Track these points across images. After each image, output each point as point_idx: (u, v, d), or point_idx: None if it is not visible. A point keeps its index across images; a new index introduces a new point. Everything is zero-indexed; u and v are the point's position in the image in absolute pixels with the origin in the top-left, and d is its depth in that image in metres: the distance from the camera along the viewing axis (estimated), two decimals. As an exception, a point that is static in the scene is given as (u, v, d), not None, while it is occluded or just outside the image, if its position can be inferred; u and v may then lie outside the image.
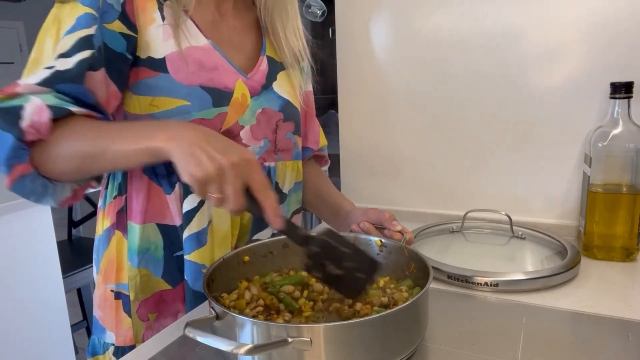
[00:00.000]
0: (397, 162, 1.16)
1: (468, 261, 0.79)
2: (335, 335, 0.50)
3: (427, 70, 1.08)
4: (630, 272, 0.82)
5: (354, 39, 1.15)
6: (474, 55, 1.03)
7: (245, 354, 0.46)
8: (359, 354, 0.51)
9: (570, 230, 0.98)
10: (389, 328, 0.53)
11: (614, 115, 0.85)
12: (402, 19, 1.09)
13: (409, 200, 1.16)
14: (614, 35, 0.90)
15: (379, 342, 0.52)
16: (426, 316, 0.59)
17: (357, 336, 0.51)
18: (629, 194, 0.84)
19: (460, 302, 0.73)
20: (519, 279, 0.75)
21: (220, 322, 0.55)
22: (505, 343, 0.60)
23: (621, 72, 0.90)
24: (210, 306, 0.56)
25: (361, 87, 1.17)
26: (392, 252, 0.72)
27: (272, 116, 0.81)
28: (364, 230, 0.79)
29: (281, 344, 0.48)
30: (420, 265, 0.66)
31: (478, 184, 1.08)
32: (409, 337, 0.56)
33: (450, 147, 1.09)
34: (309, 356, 0.50)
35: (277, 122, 0.83)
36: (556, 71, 0.96)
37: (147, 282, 0.75)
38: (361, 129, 1.19)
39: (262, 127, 0.80)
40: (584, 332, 0.64)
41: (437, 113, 1.09)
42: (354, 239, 0.75)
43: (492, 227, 1.00)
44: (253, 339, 0.52)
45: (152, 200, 0.74)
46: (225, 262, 0.67)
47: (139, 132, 0.62)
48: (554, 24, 0.95)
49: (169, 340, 0.64)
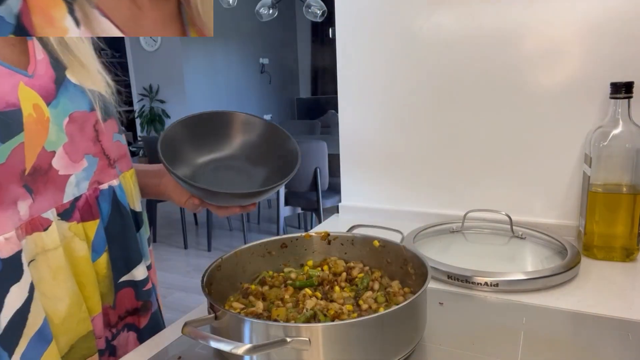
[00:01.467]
0: (397, 162, 1.16)
1: (468, 261, 0.79)
2: (334, 335, 0.50)
3: (427, 70, 1.08)
4: (630, 272, 0.82)
5: (354, 39, 1.15)
6: (474, 55, 1.03)
7: (244, 353, 0.46)
8: (358, 353, 0.52)
9: (570, 230, 0.98)
10: (387, 328, 0.53)
11: (614, 115, 0.85)
12: (402, 19, 1.09)
13: (409, 200, 1.16)
14: (614, 35, 0.90)
15: (378, 341, 0.52)
16: (424, 316, 0.59)
17: (355, 336, 0.51)
18: (629, 194, 0.84)
19: (460, 302, 0.73)
20: (519, 279, 0.75)
21: (218, 322, 0.54)
22: (505, 343, 0.60)
23: (621, 72, 0.90)
24: (209, 306, 0.56)
25: (361, 87, 1.17)
26: (391, 251, 0.72)
27: (86, 121, 0.61)
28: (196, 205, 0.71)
29: (280, 344, 0.48)
30: (418, 264, 0.66)
31: (478, 184, 1.08)
32: (408, 337, 0.56)
33: (451, 147, 1.09)
34: (308, 356, 0.50)
35: (95, 127, 0.62)
36: (556, 71, 0.96)
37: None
38: (361, 129, 1.19)
39: (78, 141, 0.59)
40: (584, 332, 0.64)
41: (437, 113, 1.09)
42: (352, 239, 0.76)
43: (492, 227, 1.00)
44: (252, 339, 0.51)
45: None
46: (223, 262, 0.67)
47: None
48: (554, 24, 0.95)
49: (170, 339, 0.64)
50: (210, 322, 0.55)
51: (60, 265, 0.58)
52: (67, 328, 0.59)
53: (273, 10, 4.00)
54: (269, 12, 4.00)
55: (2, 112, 0.50)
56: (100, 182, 0.63)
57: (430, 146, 1.12)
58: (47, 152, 0.55)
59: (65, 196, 0.59)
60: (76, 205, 0.60)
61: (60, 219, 0.58)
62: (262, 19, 4.06)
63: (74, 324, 0.59)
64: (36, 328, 0.54)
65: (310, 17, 4.01)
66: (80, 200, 0.61)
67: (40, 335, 0.55)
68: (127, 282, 0.69)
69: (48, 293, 0.57)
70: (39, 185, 0.55)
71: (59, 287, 0.58)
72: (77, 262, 0.61)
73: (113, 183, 0.65)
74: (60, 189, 0.58)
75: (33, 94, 0.54)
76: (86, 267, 0.61)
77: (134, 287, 0.70)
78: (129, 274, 0.68)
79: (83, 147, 0.60)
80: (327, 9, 3.91)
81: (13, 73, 0.53)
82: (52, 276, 0.57)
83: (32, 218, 0.55)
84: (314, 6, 3.89)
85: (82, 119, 0.60)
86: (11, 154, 0.50)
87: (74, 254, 0.60)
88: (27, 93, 0.53)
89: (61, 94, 0.58)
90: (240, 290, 0.68)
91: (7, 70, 0.52)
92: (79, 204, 0.61)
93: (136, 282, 0.70)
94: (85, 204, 0.61)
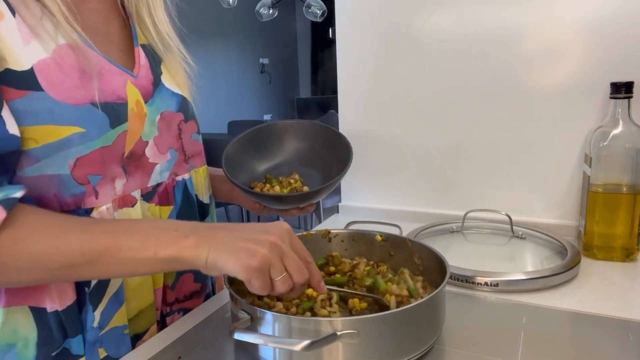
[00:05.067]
0: (397, 162, 1.16)
1: (468, 261, 0.79)
2: (382, 325, 0.52)
3: (427, 70, 1.08)
4: (630, 272, 0.82)
5: (354, 39, 1.15)
6: (474, 55, 1.03)
7: (303, 350, 0.47)
8: (399, 341, 0.54)
9: (570, 230, 0.98)
10: (426, 314, 0.56)
11: (614, 115, 0.85)
12: (402, 19, 1.09)
13: (409, 200, 1.16)
14: (614, 35, 0.90)
15: (400, 335, 0.54)
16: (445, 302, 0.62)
17: (402, 323, 0.53)
18: (629, 194, 0.84)
19: (460, 302, 0.73)
20: (519, 279, 0.75)
21: (254, 323, 0.55)
22: (505, 343, 0.60)
23: (621, 72, 0.90)
24: (242, 309, 0.56)
25: (361, 87, 1.17)
26: (393, 244, 0.74)
27: (172, 120, 0.69)
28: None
29: (331, 338, 0.49)
30: (426, 254, 0.68)
31: (478, 184, 1.08)
32: (439, 322, 0.59)
33: (451, 147, 1.09)
34: (357, 348, 0.51)
35: (179, 126, 0.71)
36: (556, 71, 0.96)
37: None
38: (361, 129, 1.19)
39: (165, 136, 0.68)
40: (584, 332, 0.64)
41: (436, 113, 1.09)
42: (353, 236, 0.76)
43: (492, 227, 1.00)
44: (295, 336, 0.52)
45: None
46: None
47: (145, 235, 0.50)
48: (554, 24, 0.95)
49: (170, 339, 0.64)
50: (247, 324, 0.55)
51: None
52: (139, 294, 0.66)
53: (273, 10, 4.00)
54: (269, 12, 4.00)
55: (115, 103, 0.59)
56: (177, 174, 0.71)
57: (430, 146, 1.12)
58: (142, 141, 0.64)
59: (150, 181, 0.67)
60: (157, 190, 0.68)
61: (142, 200, 0.66)
62: (262, 19, 4.06)
63: (144, 291, 0.66)
64: (114, 289, 0.62)
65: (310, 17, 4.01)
66: (160, 187, 0.69)
67: (117, 297, 0.62)
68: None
69: None
70: (132, 168, 0.63)
71: None
72: None
73: (185, 176, 0.73)
74: (147, 174, 0.66)
75: (136, 91, 0.63)
76: None
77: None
78: None
79: (169, 141, 0.69)
80: (327, 9, 3.91)
81: (123, 73, 0.62)
82: None
83: (125, 195, 0.63)
84: (314, 6, 3.89)
85: (170, 118, 0.69)
86: (117, 138, 0.59)
87: None
88: (132, 90, 0.63)
89: (156, 94, 0.67)
90: (249, 293, 0.67)
91: (119, 70, 0.62)
92: (159, 190, 0.68)
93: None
94: (164, 190, 0.69)
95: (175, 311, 0.73)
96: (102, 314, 0.61)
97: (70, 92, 0.54)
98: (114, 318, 0.62)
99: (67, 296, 0.57)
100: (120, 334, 0.63)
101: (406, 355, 0.54)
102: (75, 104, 0.54)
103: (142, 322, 0.67)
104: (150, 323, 0.68)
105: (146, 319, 0.68)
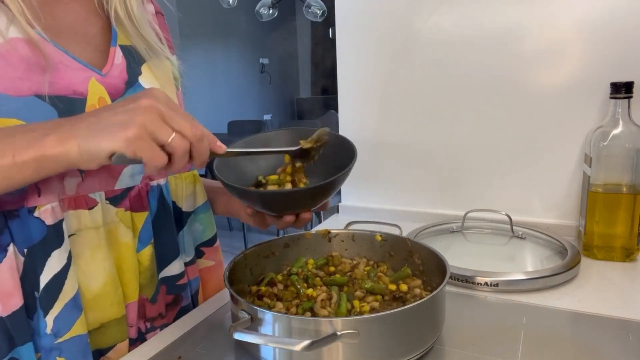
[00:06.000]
0: (397, 161, 1.16)
1: (468, 261, 0.79)
2: (382, 324, 0.52)
3: (427, 70, 1.08)
4: (630, 272, 0.82)
5: (354, 39, 1.15)
6: (473, 55, 1.03)
7: (303, 350, 0.47)
8: (400, 341, 0.54)
9: (570, 230, 0.98)
10: (427, 312, 0.56)
11: (614, 115, 0.85)
12: (402, 19, 1.09)
13: (409, 200, 1.16)
14: (614, 35, 0.90)
15: (419, 327, 0.55)
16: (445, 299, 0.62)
17: (402, 322, 0.53)
18: (629, 194, 0.84)
19: (460, 302, 0.73)
20: (519, 279, 0.75)
21: (254, 323, 0.55)
22: (505, 343, 0.60)
23: (621, 72, 0.90)
24: (242, 309, 0.56)
25: (361, 87, 1.17)
26: (393, 244, 0.74)
27: None
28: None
29: (331, 338, 0.49)
30: (426, 254, 0.68)
31: (478, 184, 1.08)
32: (440, 319, 0.59)
33: (451, 147, 1.09)
34: (358, 348, 0.51)
35: None
36: (556, 71, 0.96)
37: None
38: (361, 129, 1.19)
39: None
40: (584, 332, 0.64)
41: (436, 113, 1.09)
42: (353, 236, 0.76)
43: (492, 227, 1.00)
44: (295, 336, 0.52)
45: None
46: (235, 264, 0.67)
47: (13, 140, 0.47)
48: (554, 24, 0.95)
49: (169, 339, 0.64)
50: (247, 324, 0.55)
51: (99, 245, 0.61)
52: (99, 306, 0.62)
53: (273, 10, 4.00)
54: (269, 12, 4.00)
55: (69, 97, 0.57)
56: (152, 179, 0.68)
57: (430, 146, 1.12)
58: None
59: (118, 183, 0.63)
60: (128, 194, 0.65)
61: (108, 203, 0.63)
62: (262, 19, 4.07)
63: (107, 304, 0.62)
64: (71, 295, 0.58)
65: (310, 17, 4.01)
66: (132, 191, 0.65)
67: (75, 304, 0.58)
68: (164, 278, 0.71)
69: (84, 268, 0.60)
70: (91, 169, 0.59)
71: (95, 265, 0.61)
72: (120, 247, 0.64)
73: (161, 182, 0.70)
74: (113, 176, 0.63)
75: (101, 89, 0.61)
76: (128, 253, 0.64)
77: (168, 281, 0.72)
78: (165, 268, 0.71)
79: None
80: (327, 9, 3.91)
81: (87, 70, 0.60)
82: (90, 253, 0.60)
83: (78, 195, 0.60)
84: (314, 6, 3.90)
85: None
86: None
87: (118, 238, 0.64)
88: (96, 87, 0.60)
89: (128, 92, 0.64)
90: (249, 293, 0.68)
91: (82, 66, 0.60)
92: (131, 194, 0.65)
93: (170, 276, 0.72)
94: (137, 195, 0.66)
95: (157, 327, 0.70)
96: (57, 320, 0.57)
97: (13, 82, 0.53)
98: (75, 326, 0.58)
99: (13, 301, 0.54)
100: (85, 343, 0.60)
101: (406, 355, 0.54)
102: (16, 95, 0.52)
103: (105, 337, 0.63)
104: (117, 339, 0.64)
105: (111, 334, 0.63)
